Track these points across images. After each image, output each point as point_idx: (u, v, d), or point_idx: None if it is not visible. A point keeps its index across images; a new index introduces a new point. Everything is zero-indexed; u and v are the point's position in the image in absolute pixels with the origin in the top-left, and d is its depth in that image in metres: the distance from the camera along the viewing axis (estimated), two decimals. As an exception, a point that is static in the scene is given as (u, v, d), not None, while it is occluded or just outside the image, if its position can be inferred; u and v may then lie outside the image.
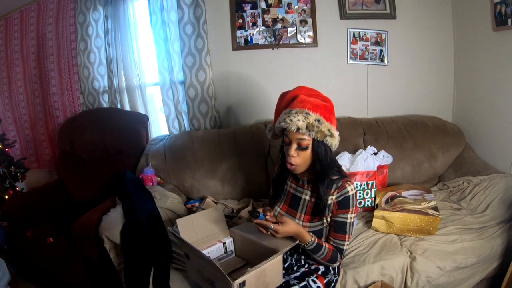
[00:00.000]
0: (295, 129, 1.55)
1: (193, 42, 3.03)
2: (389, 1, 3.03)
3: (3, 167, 3.31)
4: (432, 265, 1.97)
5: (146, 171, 2.66)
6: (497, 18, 2.53)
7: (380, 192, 2.52)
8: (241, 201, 2.79)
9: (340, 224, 1.68)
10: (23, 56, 3.53)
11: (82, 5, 3.26)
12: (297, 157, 1.61)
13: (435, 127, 2.93)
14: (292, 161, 1.61)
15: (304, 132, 1.55)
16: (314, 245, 1.63)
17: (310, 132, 1.55)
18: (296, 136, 1.57)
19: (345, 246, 1.70)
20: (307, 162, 1.63)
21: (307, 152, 1.60)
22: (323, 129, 1.56)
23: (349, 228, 1.68)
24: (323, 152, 1.60)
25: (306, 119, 1.55)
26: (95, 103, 3.41)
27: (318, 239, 1.65)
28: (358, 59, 3.12)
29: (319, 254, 1.65)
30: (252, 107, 3.20)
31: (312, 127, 1.54)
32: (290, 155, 1.60)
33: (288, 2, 3.03)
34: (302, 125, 1.54)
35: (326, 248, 1.65)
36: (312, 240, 1.62)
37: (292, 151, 1.59)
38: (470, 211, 2.38)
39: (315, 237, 1.64)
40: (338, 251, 1.69)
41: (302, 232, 1.61)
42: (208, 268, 1.51)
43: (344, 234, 1.68)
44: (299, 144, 1.59)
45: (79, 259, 2.39)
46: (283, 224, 1.56)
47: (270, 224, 1.56)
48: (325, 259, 1.67)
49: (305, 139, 1.57)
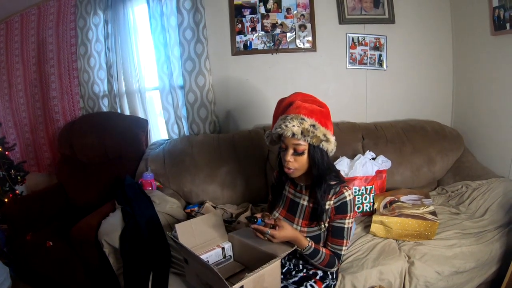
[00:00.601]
0: (290, 134, 1.57)
1: (193, 47, 3.04)
2: (388, 6, 3.03)
3: (3, 170, 3.31)
4: (430, 270, 1.97)
5: (145, 175, 2.67)
6: (495, 23, 2.54)
7: (378, 197, 2.52)
8: (240, 206, 2.79)
9: (337, 229, 1.68)
10: (24, 59, 3.54)
11: (83, 10, 3.27)
12: (294, 162, 1.63)
13: (434, 131, 2.93)
14: (289, 166, 1.63)
15: (299, 138, 1.57)
16: (311, 250, 1.63)
17: (306, 137, 1.57)
18: (292, 141, 1.60)
19: (343, 251, 1.70)
20: (304, 166, 1.65)
21: (303, 157, 1.62)
22: (318, 134, 1.57)
23: (347, 233, 1.68)
24: (319, 157, 1.62)
25: (301, 124, 1.57)
26: (95, 107, 3.41)
27: (315, 244, 1.65)
28: (357, 64, 3.12)
29: (316, 259, 1.65)
30: (251, 112, 3.21)
31: (308, 132, 1.56)
32: (287, 161, 1.62)
33: (287, 7, 3.04)
34: (297, 131, 1.56)
35: (323, 253, 1.65)
36: (309, 245, 1.62)
37: (288, 156, 1.62)
38: (468, 216, 2.38)
39: (312, 242, 1.64)
40: (336, 256, 1.69)
41: (299, 237, 1.61)
42: (206, 273, 1.51)
43: (342, 239, 1.68)
44: (295, 149, 1.61)
45: (79, 263, 2.39)
46: (280, 229, 1.57)
47: (267, 230, 1.57)
48: (322, 264, 1.67)
49: (301, 144, 1.59)
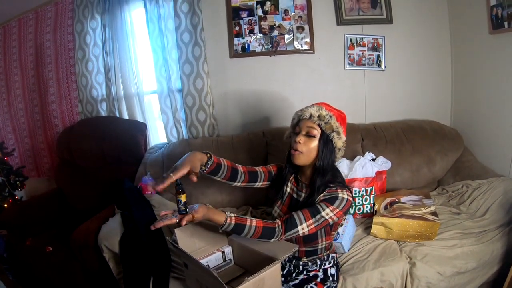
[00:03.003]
0: (308, 115, 1.67)
1: (191, 50, 3.03)
2: (385, 6, 3.03)
3: (2, 176, 3.30)
4: (432, 271, 1.97)
5: (144, 179, 2.65)
6: (493, 21, 2.53)
7: (379, 198, 2.51)
8: (239, 209, 2.77)
9: (314, 208, 1.62)
10: (22, 64, 3.55)
11: (80, 14, 3.27)
12: (303, 144, 1.67)
13: (433, 131, 2.92)
14: (297, 147, 1.67)
15: (315, 121, 1.66)
16: (231, 227, 1.54)
17: (321, 121, 1.66)
18: (307, 124, 1.68)
19: (300, 228, 1.59)
20: (311, 154, 1.68)
21: (313, 142, 1.67)
22: (332, 124, 1.66)
23: (318, 219, 1.60)
24: (327, 150, 1.67)
25: (319, 110, 1.68)
26: (94, 112, 3.40)
27: (238, 218, 1.56)
28: (355, 64, 3.12)
29: (243, 234, 1.57)
30: (250, 114, 3.20)
31: (324, 117, 1.66)
32: (296, 141, 1.67)
33: (285, 9, 3.04)
34: (314, 113, 1.66)
35: (252, 226, 1.56)
36: (227, 222, 1.53)
37: (299, 137, 1.68)
38: (469, 215, 2.37)
39: (232, 217, 1.54)
40: (286, 224, 1.60)
41: (212, 216, 1.54)
42: (206, 278, 1.50)
43: (310, 217, 1.60)
44: (308, 132, 1.67)
45: (78, 268, 2.39)
46: (196, 210, 1.52)
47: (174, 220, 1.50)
48: (255, 237, 1.58)
49: (314, 128, 1.67)
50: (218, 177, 1.73)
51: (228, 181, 1.76)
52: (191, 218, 1.48)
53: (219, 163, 1.69)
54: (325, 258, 1.81)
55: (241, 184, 1.81)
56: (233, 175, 1.76)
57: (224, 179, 1.74)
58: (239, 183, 1.79)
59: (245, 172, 1.80)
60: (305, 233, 1.61)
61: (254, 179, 1.84)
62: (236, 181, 1.78)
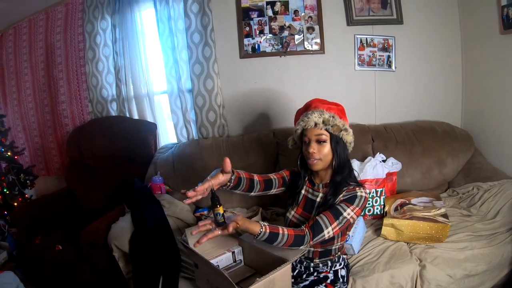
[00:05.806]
0: (312, 124, 1.68)
1: (201, 50, 3.04)
2: (395, 6, 3.01)
3: (12, 175, 3.34)
4: (442, 273, 1.95)
5: (154, 179, 2.67)
6: (504, 22, 2.52)
7: (389, 200, 2.50)
8: (250, 209, 2.78)
9: (336, 210, 1.63)
10: (32, 64, 3.58)
11: (90, 14, 3.30)
12: (318, 152, 1.69)
13: (444, 132, 2.90)
14: (314, 157, 1.69)
15: (321, 127, 1.67)
16: (266, 236, 1.54)
17: (327, 126, 1.67)
18: (314, 132, 1.69)
19: (326, 232, 1.60)
20: (327, 158, 1.70)
21: (326, 147, 1.69)
22: (338, 124, 1.68)
23: (341, 221, 1.62)
24: (340, 148, 1.71)
25: (322, 115, 1.68)
26: (104, 112, 3.43)
27: (271, 227, 1.55)
28: (365, 65, 3.10)
29: (276, 243, 1.57)
30: (260, 115, 3.19)
31: (328, 121, 1.67)
32: (310, 152, 1.68)
33: (295, 10, 3.03)
34: (318, 120, 1.67)
35: (284, 235, 1.56)
36: (262, 231, 1.53)
37: (311, 148, 1.68)
38: (480, 218, 2.35)
39: (266, 226, 1.55)
40: (313, 230, 1.60)
41: (248, 226, 1.55)
42: (216, 278, 1.51)
43: (334, 219, 1.61)
44: (318, 139, 1.69)
45: (88, 267, 2.40)
46: (237, 218, 1.52)
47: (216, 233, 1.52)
48: (286, 245, 1.58)
49: (322, 134, 1.68)
50: (238, 190, 1.73)
51: (246, 192, 1.76)
52: (236, 225, 1.50)
53: (240, 177, 1.69)
54: (336, 260, 1.81)
55: (257, 193, 1.81)
56: (251, 186, 1.76)
57: (244, 191, 1.74)
58: (255, 192, 1.79)
59: (261, 181, 1.80)
60: (330, 236, 1.63)
61: (269, 187, 1.84)
62: (253, 191, 1.78)
